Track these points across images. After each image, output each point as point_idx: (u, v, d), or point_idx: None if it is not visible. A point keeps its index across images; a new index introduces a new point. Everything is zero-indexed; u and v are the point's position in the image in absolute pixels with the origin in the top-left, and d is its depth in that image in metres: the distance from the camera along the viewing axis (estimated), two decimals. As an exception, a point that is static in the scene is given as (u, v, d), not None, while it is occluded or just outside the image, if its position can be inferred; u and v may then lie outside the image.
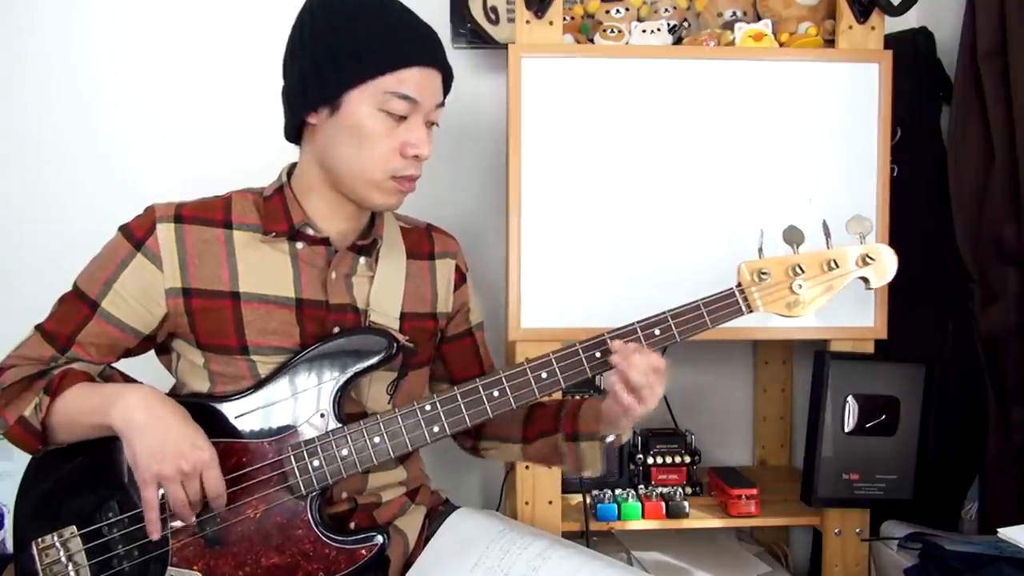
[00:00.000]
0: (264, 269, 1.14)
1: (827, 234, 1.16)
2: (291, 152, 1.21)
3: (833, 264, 1.15)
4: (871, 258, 1.16)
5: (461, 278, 1.31)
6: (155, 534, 1.03)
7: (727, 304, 1.13)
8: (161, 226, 1.12)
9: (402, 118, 1.10)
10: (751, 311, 1.14)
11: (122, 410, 1.02)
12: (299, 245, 1.16)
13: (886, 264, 1.17)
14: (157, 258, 1.11)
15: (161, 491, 1.02)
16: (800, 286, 1.14)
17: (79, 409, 1.06)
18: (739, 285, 1.14)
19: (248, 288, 1.12)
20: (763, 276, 1.14)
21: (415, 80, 1.09)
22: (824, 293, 1.16)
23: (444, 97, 1.16)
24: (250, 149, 1.61)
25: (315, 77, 1.10)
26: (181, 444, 1.01)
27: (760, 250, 1.16)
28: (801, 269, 1.14)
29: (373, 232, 1.21)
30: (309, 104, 1.11)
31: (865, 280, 1.17)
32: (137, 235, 1.12)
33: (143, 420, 1.02)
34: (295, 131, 1.17)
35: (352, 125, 1.09)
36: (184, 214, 1.13)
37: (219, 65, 1.75)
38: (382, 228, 1.22)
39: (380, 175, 1.11)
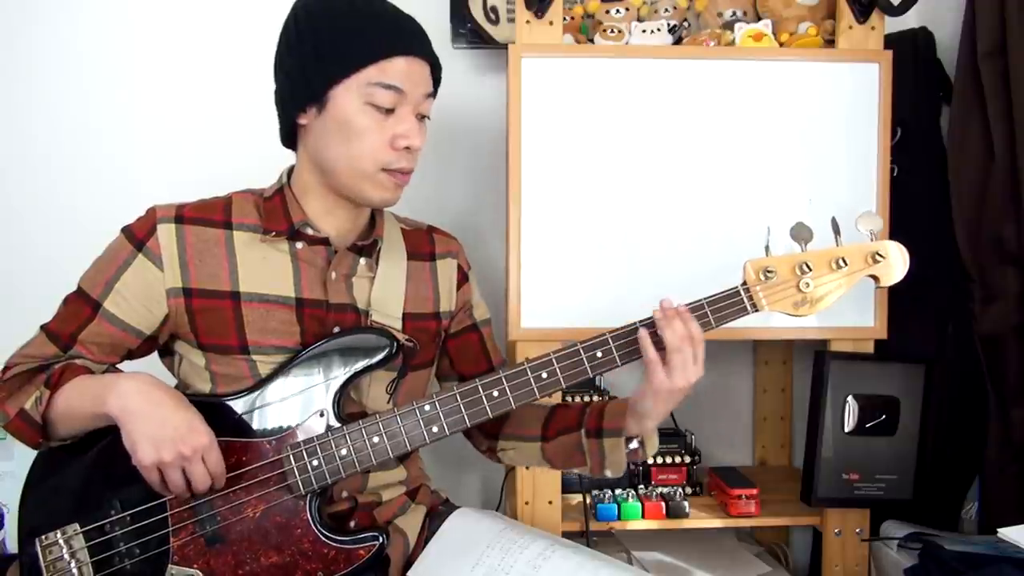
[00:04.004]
0: (264, 269, 1.14)
1: (836, 231, 1.13)
2: (292, 153, 1.21)
3: (842, 262, 1.12)
4: (881, 256, 1.13)
5: (463, 277, 1.31)
6: (175, 494, 1.05)
7: (732, 303, 1.11)
8: (162, 227, 1.12)
9: (390, 110, 1.10)
10: (757, 310, 1.12)
11: (119, 397, 1.03)
12: (299, 245, 1.16)
13: (897, 261, 1.14)
14: (158, 258, 1.11)
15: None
16: (807, 284, 1.11)
17: (78, 400, 1.06)
18: (744, 284, 1.12)
19: (248, 288, 1.13)
20: (769, 274, 1.11)
21: (399, 69, 1.09)
22: (832, 292, 1.12)
23: (435, 89, 1.16)
24: (252, 150, 1.60)
25: (300, 76, 1.11)
26: (180, 428, 1.02)
27: (767, 248, 1.13)
28: (808, 267, 1.11)
29: (373, 233, 1.21)
30: (298, 104, 1.12)
31: (875, 278, 1.14)
32: (138, 236, 1.12)
33: (140, 406, 1.02)
34: (289, 134, 1.17)
35: (340, 121, 1.09)
36: (185, 215, 1.14)
37: (221, 65, 1.75)
38: (382, 229, 1.23)
39: (371, 168, 1.11)
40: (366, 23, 1.09)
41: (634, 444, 1.16)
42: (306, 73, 1.10)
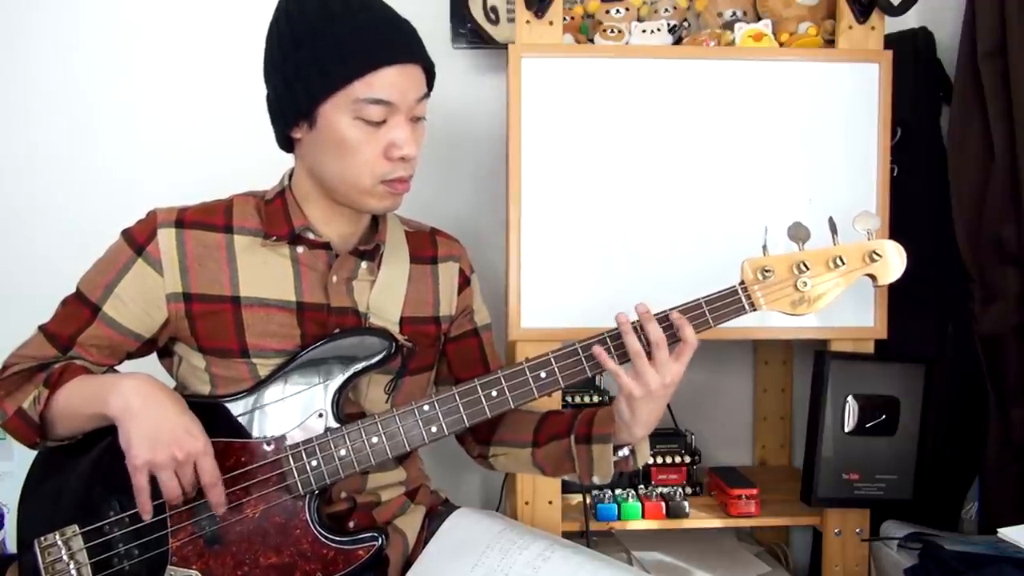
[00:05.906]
0: (265, 273, 1.14)
1: (833, 231, 1.13)
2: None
3: (839, 261, 1.12)
4: (878, 255, 1.13)
5: (465, 281, 1.30)
6: (147, 514, 1.04)
7: (730, 302, 1.11)
8: (162, 231, 1.12)
9: (382, 122, 1.07)
10: (754, 309, 1.12)
11: (119, 396, 1.03)
12: (300, 249, 1.15)
13: (894, 261, 1.14)
14: (158, 263, 1.11)
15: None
16: (805, 284, 1.11)
17: (79, 399, 1.06)
18: (742, 283, 1.12)
19: (248, 292, 1.12)
20: (767, 274, 1.11)
21: (387, 81, 1.06)
22: (830, 291, 1.13)
23: (428, 89, 1.13)
24: (252, 151, 1.60)
25: (287, 93, 1.08)
26: (176, 431, 1.02)
27: (764, 247, 1.13)
28: (806, 266, 1.11)
29: (375, 237, 1.21)
30: (287, 120, 1.10)
31: (872, 277, 1.14)
32: (139, 240, 1.12)
33: (139, 406, 1.02)
34: (284, 142, 1.16)
35: (332, 137, 1.07)
36: (185, 219, 1.13)
37: (221, 66, 1.75)
38: (385, 233, 1.22)
39: (369, 182, 1.09)
40: (347, 36, 1.05)
41: (624, 452, 1.15)
42: (292, 90, 1.07)
